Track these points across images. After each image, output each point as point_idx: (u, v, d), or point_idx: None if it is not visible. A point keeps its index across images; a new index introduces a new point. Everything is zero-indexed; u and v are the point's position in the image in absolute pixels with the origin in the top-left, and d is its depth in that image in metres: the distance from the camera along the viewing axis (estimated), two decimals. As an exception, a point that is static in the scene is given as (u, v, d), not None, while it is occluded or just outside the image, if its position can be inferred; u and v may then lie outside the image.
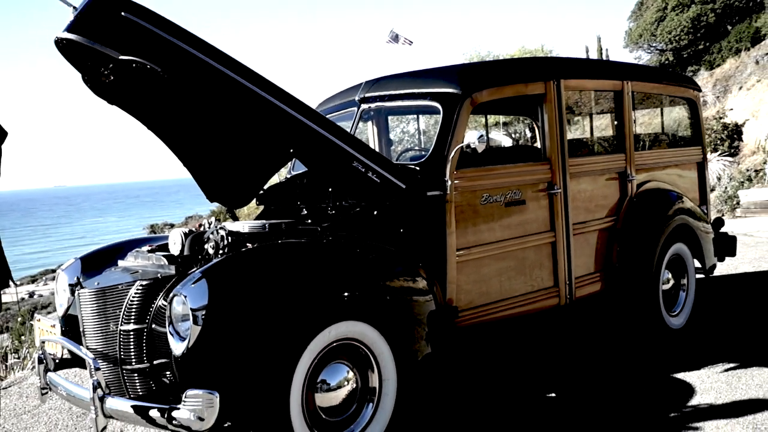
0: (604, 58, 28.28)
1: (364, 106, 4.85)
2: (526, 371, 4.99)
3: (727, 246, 6.35)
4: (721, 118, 18.84)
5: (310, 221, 4.26)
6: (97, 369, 3.28)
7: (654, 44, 27.18)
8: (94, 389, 3.21)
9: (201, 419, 2.99)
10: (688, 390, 4.35)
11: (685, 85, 6.23)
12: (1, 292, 3.13)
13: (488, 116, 6.47)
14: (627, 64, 7.60)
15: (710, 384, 4.42)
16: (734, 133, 18.61)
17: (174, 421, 3.06)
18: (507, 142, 7.57)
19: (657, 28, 26.24)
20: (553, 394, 4.45)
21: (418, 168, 4.19)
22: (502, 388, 4.67)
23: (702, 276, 6.15)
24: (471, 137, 3.99)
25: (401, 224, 4.07)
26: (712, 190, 17.14)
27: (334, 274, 3.56)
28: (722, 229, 6.47)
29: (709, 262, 6.04)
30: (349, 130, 4.70)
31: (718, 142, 18.24)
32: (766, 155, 17.19)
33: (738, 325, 5.72)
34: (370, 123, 5.37)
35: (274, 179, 4.87)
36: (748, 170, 17.03)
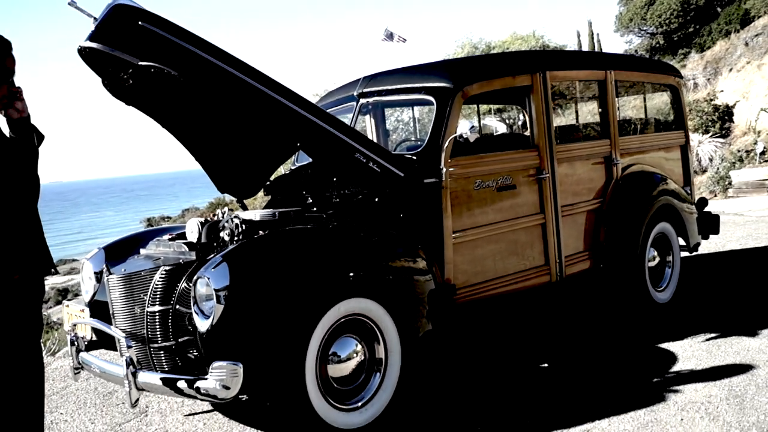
0: (596, 42, 28.59)
1: (362, 100, 5.17)
2: (521, 344, 5.33)
3: (710, 224, 6.68)
4: (711, 100, 19.13)
5: (315, 209, 4.57)
6: (129, 347, 3.62)
7: (644, 28, 27.43)
8: (128, 365, 3.55)
9: (227, 388, 3.33)
10: (671, 358, 4.69)
11: (667, 72, 6.55)
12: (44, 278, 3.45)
13: (482, 104, 6.78)
14: (609, 54, 7.91)
15: (692, 352, 4.76)
16: (725, 114, 18.89)
17: (201, 391, 3.40)
18: (501, 128, 7.88)
19: (647, 11, 26.50)
20: (546, 365, 4.79)
21: (414, 157, 4.51)
22: (497, 358, 5.01)
23: (687, 254, 6.49)
24: (463, 128, 4.30)
25: (401, 210, 4.39)
26: (704, 171, 17.47)
27: (340, 256, 3.89)
28: (706, 209, 6.80)
29: (693, 241, 6.38)
30: (349, 123, 5.02)
31: (710, 123, 18.53)
32: (756, 136, 17.50)
33: (722, 299, 6.06)
34: (368, 116, 5.68)
35: (279, 171, 5.19)
36: (739, 151, 17.32)
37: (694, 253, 7.02)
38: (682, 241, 6.30)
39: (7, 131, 3.20)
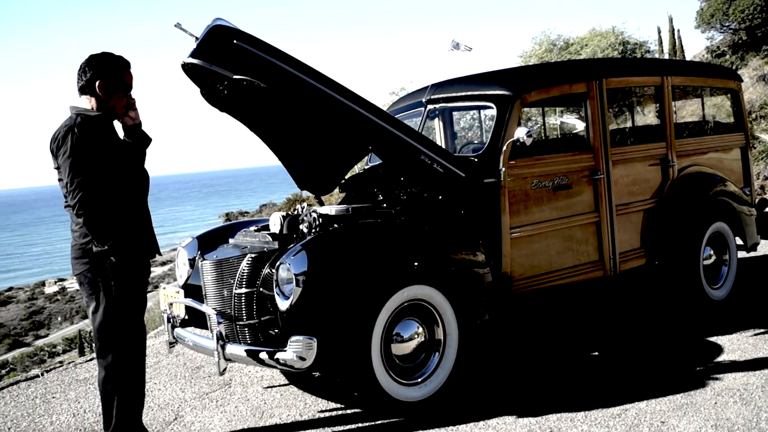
0: (676, 38, 28.10)
1: (430, 106, 5.62)
2: (574, 334, 5.69)
3: (769, 225, 6.85)
4: (795, 98, 18.71)
5: (385, 205, 5.04)
6: (220, 323, 4.16)
7: (727, 23, 26.83)
8: (218, 339, 4.09)
9: (302, 359, 3.84)
10: (717, 350, 4.97)
11: (726, 76, 6.75)
12: (150, 260, 4.02)
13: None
14: (667, 60, 8.11)
15: (738, 345, 5.03)
16: (807, 114, 18.46)
17: (280, 361, 3.91)
18: (580, 125, 8.21)
19: (729, 7, 25.91)
20: (596, 353, 5.14)
21: (476, 159, 4.93)
22: (551, 346, 5.39)
23: (747, 253, 6.67)
24: (520, 133, 4.68)
25: (462, 207, 4.82)
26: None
27: (405, 247, 4.35)
28: (766, 210, 6.96)
29: (751, 241, 6.57)
30: (417, 126, 5.47)
31: (789, 124, 18.16)
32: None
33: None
34: (436, 120, 6.12)
35: (354, 170, 5.69)
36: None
37: (760, 253, 7.17)
38: (739, 241, 6.50)
39: (121, 135, 3.78)
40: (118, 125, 3.78)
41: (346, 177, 5.47)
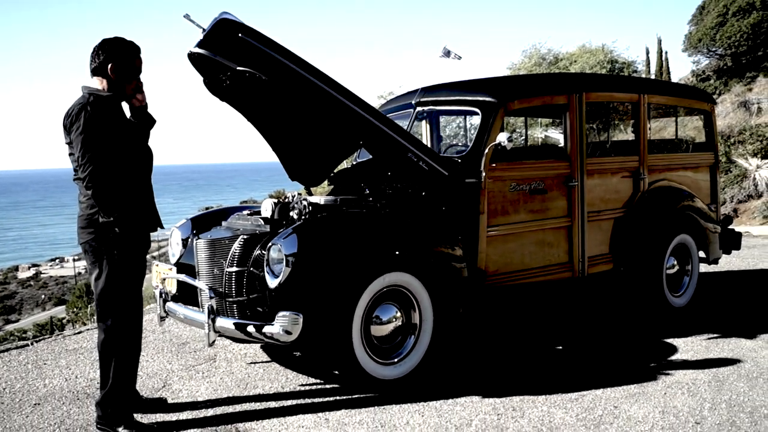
0: (663, 60, 28.66)
1: (419, 108, 5.95)
2: (541, 328, 6.04)
3: (732, 241, 7.25)
4: (773, 125, 19.24)
5: (371, 198, 5.36)
6: (212, 297, 4.45)
7: (713, 49, 27.44)
8: (209, 312, 4.38)
9: (288, 333, 4.15)
10: (671, 350, 5.33)
11: (700, 98, 7.14)
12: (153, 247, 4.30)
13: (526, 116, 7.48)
14: (644, 79, 8.50)
15: (691, 347, 5.39)
16: (786, 140, 18.95)
17: (266, 334, 4.21)
18: (563, 140, 8.61)
19: (717, 32, 26.51)
20: (560, 347, 5.48)
21: (459, 160, 5.26)
22: (519, 338, 5.73)
23: (714, 267, 7.04)
24: (501, 137, 5.01)
25: (444, 204, 5.14)
26: (760, 195, 17.62)
27: (388, 236, 4.67)
28: (730, 226, 7.35)
29: (713, 255, 6.96)
30: (405, 127, 5.80)
31: (770, 149, 18.63)
32: (816, 162, 17.56)
33: (735, 308, 6.64)
34: (423, 122, 6.45)
35: (342, 165, 6.00)
36: (797, 178, 17.39)
37: (725, 268, 7.53)
38: (702, 254, 6.88)
39: (128, 115, 4.06)
40: (125, 106, 4.06)
41: (335, 171, 5.78)
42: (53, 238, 64.41)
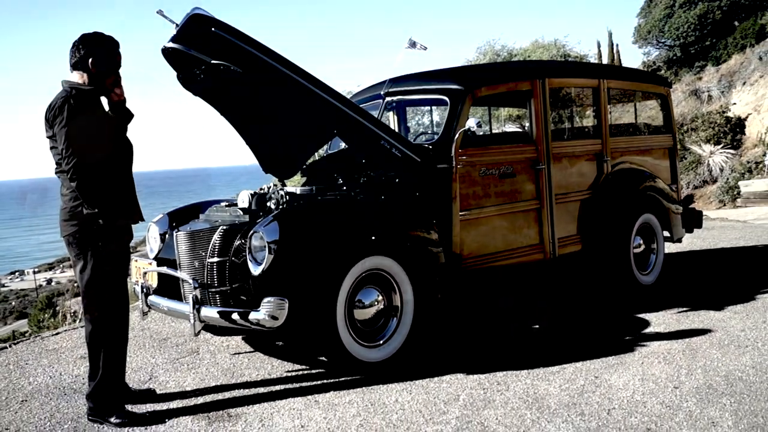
0: (615, 53, 29.25)
1: (388, 98, 6.06)
2: (517, 309, 6.19)
3: (694, 220, 7.50)
4: (724, 112, 19.75)
5: (345, 187, 5.45)
6: (196, 287, 4.50)
7: (662, 40, 28.04)
8: (194, 302, 4.43)
9: (274, 318, 4.22)
10: (644, 324, 5.52)
11: (657, 82, 7.39)
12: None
13: (504, 109, 7.67)
14: (603, 65, 8.75)
15: (663, 320, 5.59)
16: (737, 126, 19.48)
17: (252, 321, 4.27)
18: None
19: (665, 24, 27.10)
20: (537, 326, 5.65)
21: (430, 146, 5.38)
22: (496, 318, 5.89)
23: (678, 247, 7.27)
24: (470, 123, 5.15)
25: (417, 190, 5.26)
26: (715, 180, 18.11)
27: (365, 222, 4.78)
28: (691, 206, 7.60)
29: (677, 233, 7.19)
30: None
31: (721, 135, 19.10)
32: (766, 148, 18.12)
33: (701, 284, 6.90)
34: (392, 112, 6.57)
35: (314, 157, 6.07)
36: (749, 162, 17.88)
37: (688, 249, 7.75)
38: (667, 233, 7.11)
39: (107, 108, 4.09)
40: (104, 101, 4.10)
41: (308, 163, 5.86)
42: (11, 251, 63.15)
